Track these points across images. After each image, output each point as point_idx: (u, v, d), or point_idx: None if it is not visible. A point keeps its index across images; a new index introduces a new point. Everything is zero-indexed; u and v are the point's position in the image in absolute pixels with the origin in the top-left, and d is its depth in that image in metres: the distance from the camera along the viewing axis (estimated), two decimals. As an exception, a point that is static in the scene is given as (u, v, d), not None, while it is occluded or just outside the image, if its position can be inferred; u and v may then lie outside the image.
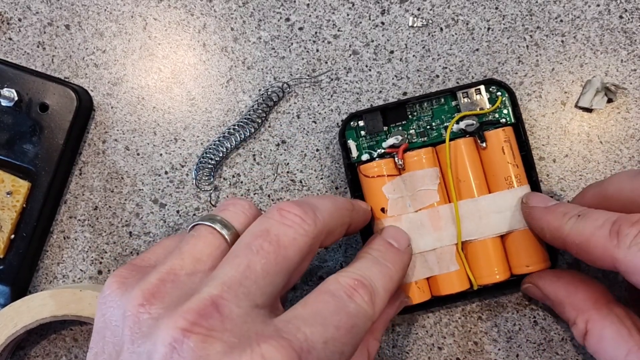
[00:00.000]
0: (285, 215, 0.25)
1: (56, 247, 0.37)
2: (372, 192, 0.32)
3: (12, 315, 0.33)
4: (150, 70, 0.37)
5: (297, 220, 0.25)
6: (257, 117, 0.36)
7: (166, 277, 0.23)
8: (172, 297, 0.23)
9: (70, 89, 0.35)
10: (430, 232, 0.32)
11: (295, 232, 0.24)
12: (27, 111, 0.35)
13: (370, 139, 0.33)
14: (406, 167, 0.32)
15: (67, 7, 0.37)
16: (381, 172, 0.32)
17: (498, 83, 0.33)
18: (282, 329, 0.22)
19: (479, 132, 0.32)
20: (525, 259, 0.32)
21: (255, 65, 0.36)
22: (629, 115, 0.36)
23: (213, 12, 0.37)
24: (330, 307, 0.23)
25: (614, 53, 0.36)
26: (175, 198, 0.36)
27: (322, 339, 0.22)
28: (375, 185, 0.32)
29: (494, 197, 0.32)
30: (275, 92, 0.36)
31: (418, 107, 0.34)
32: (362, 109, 0.35)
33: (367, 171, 0.32)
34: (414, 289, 0.32)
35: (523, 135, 0.33)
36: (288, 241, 0.24)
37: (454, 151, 0.32)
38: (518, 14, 0.36)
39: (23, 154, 0.35)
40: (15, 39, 0.37)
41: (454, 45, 0.36)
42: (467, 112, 0.33)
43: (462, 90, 0.33)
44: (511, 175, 0.32)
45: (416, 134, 0.33)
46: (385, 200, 0.32)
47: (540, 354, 0.35)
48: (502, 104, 0.33)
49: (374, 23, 0.36)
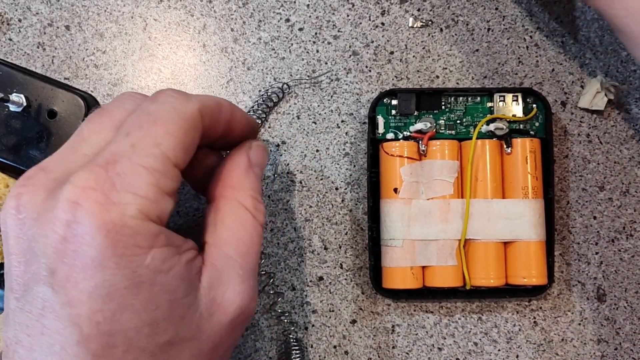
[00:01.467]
0: (158, 95, 0.24)
1: (56, 248, 0.37)
2: (389, 171, 0.33)
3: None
4: (151, 71, 0.37)
5: (170, 97, 0.24)
6: (256, 117, 0.36)
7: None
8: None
9: (78, 96, 0.35)
10: (437, 223, 0.32)
11: (169, 105, 0.23)
12: (36, 117, 0.35)
13: (399, 119, 0.34)
14: (428, 154, 0.33)
15: (67, 8, 0.37)
16: (402, 152, 0.32)
17: (537, 95, 0.34)
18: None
19: (507, 138, 0.33)
20: (523, 271, 0.32)
21: (255, 66, 0.36)
22: (628, 116, 0.36)
23: (213, 12, 0.37)
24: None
25: (614, 53, 0.36)
26: (176, 199, 0.36)
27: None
28: (393, 164, 0.32)
29: (507, 203, 0.32)
30: (275, 92, 0.36)
31: (453, 99, 0.34)
32: (399, 87, 0.36)
33: (388, 148, 0.33)
34: (408, 274, 0.32)
35: (550, 151, 0.33)
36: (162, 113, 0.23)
37: (479, 150, 0.32)
38: (518, 15, 0.36)
39: (30, 160, 0.35)
40: (15, 39, 0.37)
41: (454, 45, 0.36)
42: (499, 115, 0.33)
43: (500, 93, 0.33)
44: (528, 186, 0.32)
45: (445, 126, 0.34)
46: (400, 182, 0.32)
47: (540, 355, 0.35)
48: (536, 117, 0.34)
49: (374, 24, 0.36)
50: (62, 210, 0.20)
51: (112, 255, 0.20)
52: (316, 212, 0.36)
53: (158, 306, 0.21)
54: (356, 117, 0.36)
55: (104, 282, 0.20)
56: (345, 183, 0.36)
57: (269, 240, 0.36)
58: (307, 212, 0.36)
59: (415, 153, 0.33)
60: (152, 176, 0.21)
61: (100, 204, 0.20)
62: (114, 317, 0.20)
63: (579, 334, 0.35)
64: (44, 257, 0.21)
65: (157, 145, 0.22)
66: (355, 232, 0.36)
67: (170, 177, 0.22)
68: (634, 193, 0.36)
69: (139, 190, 0.21)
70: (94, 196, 0.20)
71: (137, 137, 0.22)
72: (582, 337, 0.35)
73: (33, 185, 0.22)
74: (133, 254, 0.21)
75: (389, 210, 0.33)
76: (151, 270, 0.21)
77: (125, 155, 0.21)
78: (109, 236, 0.20)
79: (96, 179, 0.21)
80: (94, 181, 0.20)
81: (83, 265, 0.20)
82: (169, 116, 0.23)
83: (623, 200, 0.36)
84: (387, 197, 0.32)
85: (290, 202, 0.36)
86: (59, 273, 0.20)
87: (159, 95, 0.24)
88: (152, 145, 0.22)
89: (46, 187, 0.22)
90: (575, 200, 0.36)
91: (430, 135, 0.33)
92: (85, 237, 0.20)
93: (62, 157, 0.23)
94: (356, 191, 0.36)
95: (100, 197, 0.20)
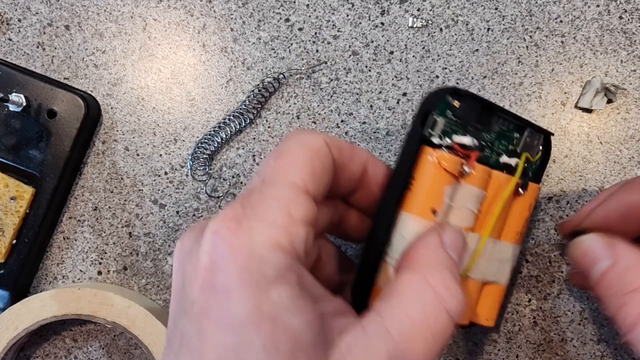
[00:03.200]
0: (286, 135, 0.25)
1: (56, 248, 0.37)
2: (430, 184, 0.27)
3: (12, 319, 0.33)
4: (150, 71, 0.37)
5: (295, 133, 0.25)
6: (252, 107, 0.36)
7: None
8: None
9: (78, 97, 0.35)
10: None
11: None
12: (35, 117, 0.35)
13: (450, 124, 0.28)
14: (468, 177, 0.27)
15: (67, 8, 0.37)
16: (454, 169, 0.27)
17: (548, 138, 0.31)
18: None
19: (526, 179, 0.30)
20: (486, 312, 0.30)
21: (255, 65, 0.36)
22: (628, 116, 0.36)
23: (213, 12, 0.37)
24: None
25: (613, 53, 0.36)
26: (175, 199, 0.36)
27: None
28: (437, 178, 0.27)
29: (506, 247, 0.30)
30: (271, 82, 0.36)
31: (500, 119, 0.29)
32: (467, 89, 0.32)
33: (442, 159, 0.26)
34: None
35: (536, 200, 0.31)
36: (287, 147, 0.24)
37: (502, 185, 0.29)
38: (518, 15, 0.36)
39: (29, 160, 0.35)
40: (15, 39, 0.37)
41: (453, 45, 0.36)
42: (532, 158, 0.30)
43: (533, 129, 0.30)
44: (521, 233, 0.30)
45: (488, 149, 0.29)
46: (440, 202, 0.27)
47: (540, 355, 0.35)
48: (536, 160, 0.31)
49: (374, 24, 0.36)
50: (205, 239, 0.21)
51: (238, 283, 0.20)
52: (316, 212, 0.36)
53: (279, 349, 0.19)
54: (356, 117, 0.36)
55: (228, 312, 0.20)
56: (345, 183, 0.36)
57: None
58: (307, 212, 0.36)
59: (457, 170, 0.27)
60: (280, 203, 0.22)
61: (232, 231, 0.21)
62: (236, 353, 0.19)
63: (579, 334, 0.35)
64: (190, 287, 0.21)
65: (285, 175, 0.23)
66: (355, 232, 0.36)
67: (300, 204, 0.22)
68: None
69: (268, 216, 0.21)
70: (228, 225, 0.21)
71: (265, 172, 0.23)
72: (582, 337, 0.35)
73: (192, 228, 0.23)
74: (258, 285, 0.20)
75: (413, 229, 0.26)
76: (276, 306, 0.20)
77: (256, 189, 0.23)
78: (237, 262, 0.20)
79: (233, 212, 0.21)
80: (232, 214, 0.21)
81: (214, 293, 0.20)
82: (293, 147, 0.24)
83: (623, 200, 0.36)
84: (418, 215, 0.26)
85: (290, 202, 0.36)
86: (197, 303, 0.20)
87: (287, 135, 0.25)
88: (280, 176, 0.23)
89: (201, 226, 0.22)
90: (575, 200, 0.36)
91: (476, 155, 0.27)
92: (219, 263, 0.20)
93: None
94: (356, 191, 0.36)
95: (233, 225, 0.21)
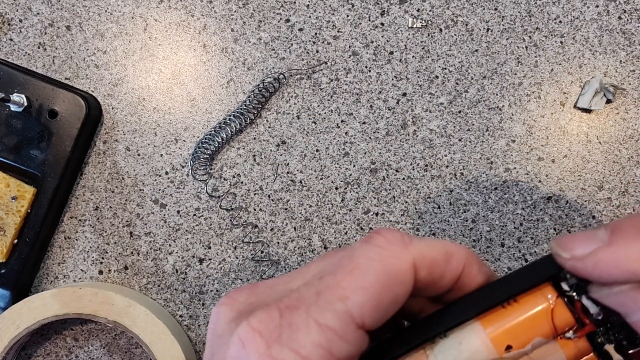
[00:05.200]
0: (372, 235, 0.21)
1: (57, 248, 0.37)
2: (527, 323, 0.23)
3: (14, 318, 0.34)
4: (151, 71, 0.37)
5: (383, 242, 0.21)
6: (253, 107, 0.36)
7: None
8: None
9: (79, 97, 0.35)
10: None
11: (378, 252, 0.20)
12: (37, 117, 0.35)
13: (587, 283, 0.22)
14: (566, 343, 0.23)
15: (68, 8, 0.37)
16: (560, 326, 0.23)
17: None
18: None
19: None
20: None
21: (256, 66, 0.36)
22: (627, 116, 0.36)
23: (213, 13, 0.37)
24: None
25: (612, 54, 0.36)
26: (176, 198, 0.37)
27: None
28: (539, 322, 0.23)
29: None
30: (272, 82, 0.36)
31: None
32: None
33: (557, 310, 0.23)
34: None
35: None
36: (364, 260, 0.20)
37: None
38: (517, 15, 0.36)
39: (30, 160, 0.35)
40: (16, 39, 0.37)
41: (453, 46, 0.36)
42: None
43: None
44: None
45: (604, 329, 0.23)
46: (521, 344, 0.23)
47: (539, 354, 0.35)
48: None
49: (374, 24, 0.36)
50: (233, 343, 0.19)
51: None
52: (316, 212, 0.36)
53: None
54: (356, 117, 0.36)
55: None
56: (345, 183, 0.36)
57: (269, 240, 0.36)
58: (307, 211, 0.36)
59: (561, 329, 0.23)
60: (322, 335, 0.19)
61: (259, 354, 0.19)
62: None
63: (578, 333, 0.35)
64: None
65: (343, 300, 0.19)
66: (355, 232, 0.36)
67: (347, 341, 0.19)
68: (632, 193, 0.36)
69: (302, 349, 0.18)
70: (257, 343, 0.19)
71: (326, 284, 0.20)
72: (581, 336, 0.35)
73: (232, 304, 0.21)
74: None
75: (474, 346, 0.23)
76: None
77: (306, 303, 0.19)
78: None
79: (267, 324, 0.19)
80: (265, 326, 0.19)
81: None
82: (369, 265, 0.19)
83: (622, 200, 0.36)
84: (491, 338, 0.22)
85: (290, 201, 0.36)
86: None
87: (373, 235, 0.21)
88: (337, 298, 0.19)
89: (239, 310, 0.20)
90: (575, 200, 0.36)
91: (590, 329, 0.22)
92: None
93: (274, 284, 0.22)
94: (356, 191, 0.36)
95: (262, 346, 0.19)
